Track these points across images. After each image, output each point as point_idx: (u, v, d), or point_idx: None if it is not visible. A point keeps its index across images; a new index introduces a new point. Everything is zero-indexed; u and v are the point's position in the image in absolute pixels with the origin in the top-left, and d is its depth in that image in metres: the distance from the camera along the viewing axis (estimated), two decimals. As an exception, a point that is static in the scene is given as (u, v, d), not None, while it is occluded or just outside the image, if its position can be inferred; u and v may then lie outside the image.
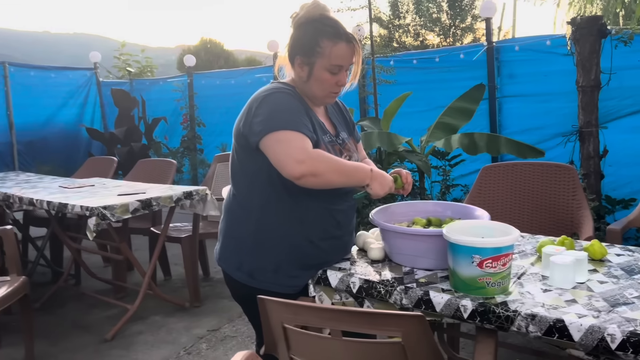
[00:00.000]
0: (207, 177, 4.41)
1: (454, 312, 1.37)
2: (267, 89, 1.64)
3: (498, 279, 1.38)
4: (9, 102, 7.70)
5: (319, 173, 1.49)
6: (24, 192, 3.51)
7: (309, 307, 1.21)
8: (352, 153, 1.77)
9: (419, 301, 1.43)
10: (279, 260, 1.65)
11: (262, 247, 1.65)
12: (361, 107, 5.32)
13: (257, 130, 1.54)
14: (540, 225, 2.63)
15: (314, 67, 1.61)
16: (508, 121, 4.67)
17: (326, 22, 1.62)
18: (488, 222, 1.59)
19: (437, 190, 4.39)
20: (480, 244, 1.37)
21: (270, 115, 1.54)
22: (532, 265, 1.62)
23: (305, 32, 1.62)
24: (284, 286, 1.65)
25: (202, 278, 4.13)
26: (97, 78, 8.72)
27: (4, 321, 3.27)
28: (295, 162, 1.47)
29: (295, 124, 1.53)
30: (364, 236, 1.83)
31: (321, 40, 1.59)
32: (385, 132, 3.91)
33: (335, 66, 1.61)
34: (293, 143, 1.50)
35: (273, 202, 1.63)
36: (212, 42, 21.83)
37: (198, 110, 7.40)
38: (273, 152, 1.52)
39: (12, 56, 40.81)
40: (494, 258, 1.37)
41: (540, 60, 4.40)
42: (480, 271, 1.37)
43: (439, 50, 5.50)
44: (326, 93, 1.67)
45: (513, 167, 2.83)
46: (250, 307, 1.70)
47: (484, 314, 1.33)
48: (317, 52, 1.60)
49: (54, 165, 7.67)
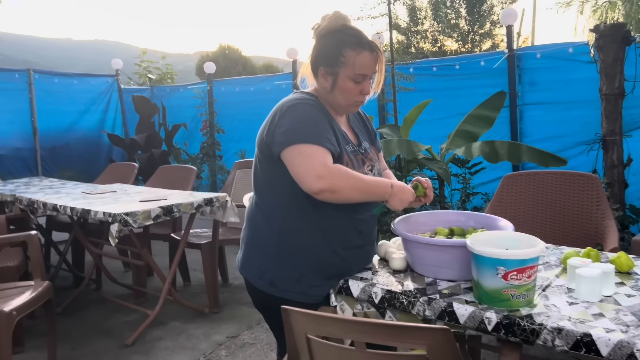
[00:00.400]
0: (226, 184, 4.43)
1: (478, 324, 1.36)
2: (291, 99, 1.64)
3: (523, 291, 1.37)
4: (33, 108, 7.84)
5: (337, 189, 1.51)
6: (47, 198, 3.57)
7: (332, 318, 1.21)
8: (374, 162, 1.77)
9: (442, 312, 1.42)
10: (302, 269, 1.65)
11: (284, 255, 1.65)
12: (380, 114, 5.31)
13: (279, 141, 1.55)
14: (563, 235, 2.59)
15: (338, 77, 1.62)
16: (529, 129, 4.62)
17: (348, 32, 1.62)
18: (512, 233, 1.57)
19: (457, 198, 4.36)
20: (505, 255, 1.36)
21: (292, 126, 1.55)
22: (557, 277, 1.60)
23: (328, 43, 1.63)
24: (306, 295, 1.65)
25: (221, 284, 4.15)
26: (118, 85, 8.84)
27: (27, 325, 3.32)
28: (314, 178, 1.49)
29: (317, 138, 1.54)
30: (385, 246, 1.83)
31: (344, 50, 1.60)
32: (405, 140, 3.90)
33: (359, 75, 1.62)
34: (314, 158, 1.51)
35: (295, 211, 1.64)
36: (230, 48, 22.00)
37: (217, 117, 7.46)
38: (293, 166, 1.54)
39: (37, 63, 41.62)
40: (519, 270, 1.35)
41: (562, 67, 4.35)
42: (505, 283, 1.36)
43: (459, 57, 5.47)
44: (350, 102, 1.67)
45: (535, 176, 2.80)
46: (272, 315, 1.71)
47: (508, 326, 1.31)
48: (341, 62, 1.60)
49: (76, 171, 7.79)
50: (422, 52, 16.25)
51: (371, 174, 1.73)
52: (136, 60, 9.54)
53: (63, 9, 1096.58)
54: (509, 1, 16.90)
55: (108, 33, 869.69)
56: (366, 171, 1.70)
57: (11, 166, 7.54)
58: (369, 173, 1.72)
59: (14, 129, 7.71)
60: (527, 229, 2.60)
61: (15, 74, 7.81)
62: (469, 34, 16.89)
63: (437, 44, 17.26)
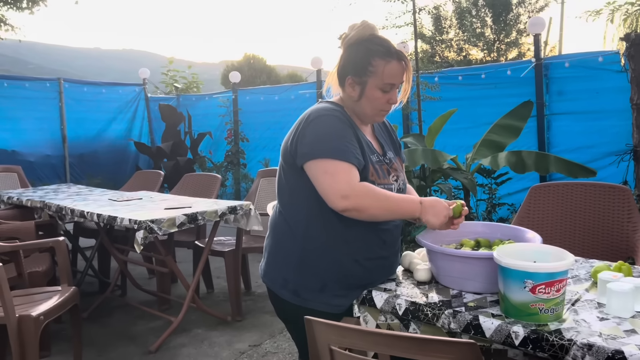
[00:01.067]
0: (250, 192, 4.46)
1: (504, 339, 1.33)
2: (317, 109, 1.64)
3: (552, 305, 1.33)
4: (62, 116, 8.03)
5: (362, 208, 1.51)
6: (75, 205, 3.64)
7: (356, 330, 1.19)
8: (399, 173, 1.75)
9: (467, 326, 1.39)
10: (325, 279, 1.64)
11: (307, 265, 1.65)
12: (404, 123, 5.29)
13: (303, 153, 1.56)
14: (592, 248, 2.53)
15: (366, 86, 1.62)
16: (557, 139, 4.55)
17: (377, 41, 1.62)
18: (541, 246, 1.54)
19: (483, 208, 4.31)
20: (532, 268, 1.33)
21: (317, 139, 1.55)
22: (587, 292, 1.56)
23: (356, 52, 1.62)
24: (329, 305, 1.64)
25: (243, 292, 4.16)
26: (145, 93, 9.00)
27: (54, 329, 3.37)
28: (339, 197, 1.49)
29: (342, 153, 1.53)
30: (409, 257, 1.81)
31: (373, 60, 1.60)
32: (430, 149, 3.87)
33: (387, 84, 1.61)
34: (339, 176, 1.51)
35: (319, 220, 1.63)
36: (255, 57, 22.25)
37: (242, 126, 7.53)
38: (318, 182, 1.54)
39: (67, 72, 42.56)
40: (547, 283, 1.32)
41: (591, 76, 4.28)
42: (532, 297, 1.33)
43: (485, 66, 5.43)
44: (376, 112, 1.67)
45: (563, 187, 2.74)
46: (295, 325, 1.70)
47: (536, 341, 1.28)
48: (370, 72, 1.60)
49: (103, 178, 7.94)
50: (447, 61, 16.17)
51: (396, 184, 1.71)
52: (163, 70, 9.70)
53: (92, 18, 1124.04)
54: (536, 9, 16.73)
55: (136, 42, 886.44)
56: (391, 181, 1.69)
57: (41, 173, 7.72)
58: (394, 183, 1.70)
59: (44, 137, 7.90)
60: (556, 241, 2.55)
61: (47, 82, 8.02)
62: (495, 42, 16.76)
63: (462, 52, 17.16)
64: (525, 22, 16.39)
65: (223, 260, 3.71)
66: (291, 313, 1.69)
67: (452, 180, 4.18)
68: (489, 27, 16.89)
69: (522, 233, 1.73)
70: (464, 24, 16.89)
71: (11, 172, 5.73)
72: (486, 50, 16.79)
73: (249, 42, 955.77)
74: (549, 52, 13.75)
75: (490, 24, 16.84)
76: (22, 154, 7.56)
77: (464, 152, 4.17)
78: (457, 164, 4.06)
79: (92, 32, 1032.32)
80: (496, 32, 16.72)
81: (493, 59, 16.08)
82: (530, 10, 16.85)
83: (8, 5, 7.82)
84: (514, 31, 16.85)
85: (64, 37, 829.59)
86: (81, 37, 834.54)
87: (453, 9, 17.31)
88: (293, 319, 1.69)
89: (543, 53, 5.34)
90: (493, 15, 16.66)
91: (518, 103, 3.94)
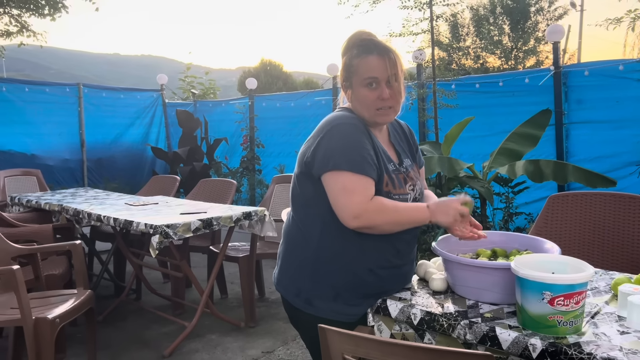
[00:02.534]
0: (265, 198, 4.46)
1: (521, 351, 1.30)
2: (334, 118, 1.63)
3: (570, 318, 1.31)
4: (81, 121, 8.14)
5: (374, 226, 1.54)
6: (92, 209, 3.67)
7: (371, 340, 1.18)
8: (415, 181, 1.73)
9: (484, 337, 1.37)
10: (338, 288, 1.62)
11: (320, 274, 1.63)
12: (420, 131, 5.26)
13: (321, 164, 1.56)
14: (612, 260, 2.48)
15: (353, 87, 1.64)
16: (576, 148, 4.49)
17: (361, 43, 1.64)
18: (559, 257, 1.51)
19: (500, 218, 4.26)
20: (551, 279, 1.31)
21: (335, 149, 1.55)
22: (607, 304, 1.53)
23: (345, 59, 1.66)
24: (342, 314, 1.63)
25: (257, 298, 4.16)
26: (163, 99, 9.08)
27: (69, 332, 3.40)
28: (351, 217, 1.52)
29: (360, 166, 1.53)
30: (425, 266, 1.79)
31: (354, 60, 1.63)
32: (446, 157, 3.85)
33: (368, 79, 1.60)
34: (354, 197, 1.52)
35: (332, 228, 1.62)
36: (271, 63, 22.36)
37: (258, 132, 7.55)
38: (334, 198, 1.55)
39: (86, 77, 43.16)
40: (566, 295, 1.29)
41: (612, 85, 4.22)
42: (551, 309, 1.30)
43: (503, 74, 5.38)
44: (372, 111, 1.63)
45: (582, 197, 2.70)
46: (308, 333, 1.68)
47: (554, 354, 1.25)
48: (352, 72, 1.63)
49: (120, 182, 8.02)
50: (464, 68, 16.10)
51: (412, 193, 1.70)
52: (180, 76, 9.79)
53: (112, 24, 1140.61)
54: (554, 17, 16.61)
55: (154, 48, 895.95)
56: (407, 190, 1.67)
57: (59, 176, 7.81)
58: (410, 193, 1.69)
59: (63, 141, 8.01)
60: (574, 252, 2.50)
61: (66, 87, 8.14)
62: (512, 50, 16.65)
63: (479, 60, 17.09)
64: (543, 29, 16.27)
65: (237, 265, 3.71)
66: (305, 322, 1.68)
67: (468, 189, 4.14)
68: (507, 34, 16.80)
69: (541, 243, 1.71)
70: (481, 32, 16.83)
71: (30, 175, 5.82)
72: (504, 58, 16.70)
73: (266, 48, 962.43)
74: (567, 60, 13.62)
75: (508, 31, 16.75)
76: (42, 158, 7.67)
77: (481, 161, 4.13)
78: (473, 172, 4.02)
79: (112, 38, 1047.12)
80: (514, 40, 16.63)
81: (510, 66, 15.97)
82: (548, 18, 16.73)
83: (30, 12, 7.96)
84: (532, 39, 16.74)
85: (85, 43, 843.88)
86: (101, 42, 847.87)
87: (470, 17, 17.26)
88: (306, 327, 1.68)
89: (562, 61, 5.29)
90: (511, 23, 16.57)
91: (536, 111, 3.90)
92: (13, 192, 5.28)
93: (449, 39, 17.09)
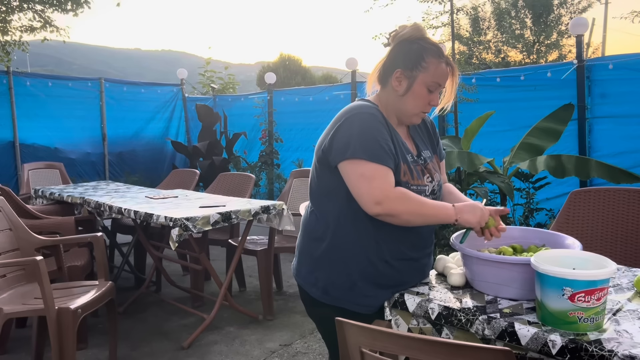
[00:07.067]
0: (283, 192, 4.48)
1: (541, 347, 1.29)
2: (353, 107, 1.63)
3: (591, 314, 1.29)
4: (103, 115, 8.25)
5: (396, 214, 1.52)
6: (113, 202, 3.72)
7: (388, 333, 1.18)
8: (434, 173, 1.72)
9: (502, 333, 1.36)
10: (354, 277, 1.63)
11: (337, 263, 1.64)
12: (440, 125, 5.22)
13: (339, 151, 1.55)
14: (635, 257, 2.44)
15: (415, 81, 1.62)
16: (599, 143, 4.41)
17: (429, 42, 1.64)
18: (580, 253, 1.49)
19: (520, 213, 4.21)
20: (571, 275, 1.29)
21: (354, 137, 1.55)
22: (629, 301, 1.50)
23: (409, 48, 1.63)
24: (359, 305, 1.63)
25: (275, 291, 4.18)
26: (183, 94, 9.15)
27: (91, 323, 3.46)
28: (373, 203, 1.51)
29: (377, 155, 1.53)
30: (443, 260, 1.78)
31: (427, 57, 1.61)
32: (466, 152, 3.81)
33: (435, 83, 1.62)
34: (375, 182, 1.51)
35: (349, 219, 1.62)
36: (290, 58, 22.35)
37: (276, 126, 7.57)
38: (354, 185, 1.55)
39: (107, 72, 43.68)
40: (587, 292, 1.28)
41: (636, 79, 4.14)
42: (571, 305, 1.28)
43: (524, 68, 5.31)
44: (417, 111, 1.66)
45: (605, 192, 2.65)
46: (325, 325, 1.69)
47: (575, 351, 1.24)
48: (422, 67, 1.61)
49: (140, 176, 8.12)
50: (485, 62, 15.91)
51: (430, 185, 1.69)
52: (200, 70, 9.85)
53: (133, 20, 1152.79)
54: (578, 10, 16.30)
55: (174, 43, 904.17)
56: (425, 182, 1.67)
57: (81, 170, 7.94)
58: (429, 184, 1.68)
59: (85, 135, 8.13)
60: (596, 248, 2.47)
61: (88, 82, 8.25)
62: (534, 44, 16.39)
63: (501, 54, 16.86)
64: (566, 23, 15.98)
65: (255, 259, 3.73)
66: (322, 313, 1.69)
67: (488, 184, 4.11)
68: (529, 28, 16.54)
69: (562, 239, 1.68)
70: (502, 25, 16.59)
71: (53, 168, 5.92)
72: (525, 52, 16.45)
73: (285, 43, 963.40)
74: (591, 54, 13.37)
75: (530, 25, 16.49)
76: (64, 152, 7.79)
77: (501, 156, 4.09)
78: (494, 167, 3.98)
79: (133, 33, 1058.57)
80: (536, 34, 16.36)
81: (532, 60, 15.74)
82: (572, 11, 16.43)
83: (53, 7, 8.08)
84: (555, 32, 16.45)
85: (106, 38, 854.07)
86: (122, 38, 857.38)
87: (492, 10, 17.03)
88: (323, 319, 1.69)
89: (585, 55, 5.20)
90: (533, 16, 16.31)
91: (558, 106, 3.84)
92: (37, 184, 5.39)
93: (470, 32, 16.88)
